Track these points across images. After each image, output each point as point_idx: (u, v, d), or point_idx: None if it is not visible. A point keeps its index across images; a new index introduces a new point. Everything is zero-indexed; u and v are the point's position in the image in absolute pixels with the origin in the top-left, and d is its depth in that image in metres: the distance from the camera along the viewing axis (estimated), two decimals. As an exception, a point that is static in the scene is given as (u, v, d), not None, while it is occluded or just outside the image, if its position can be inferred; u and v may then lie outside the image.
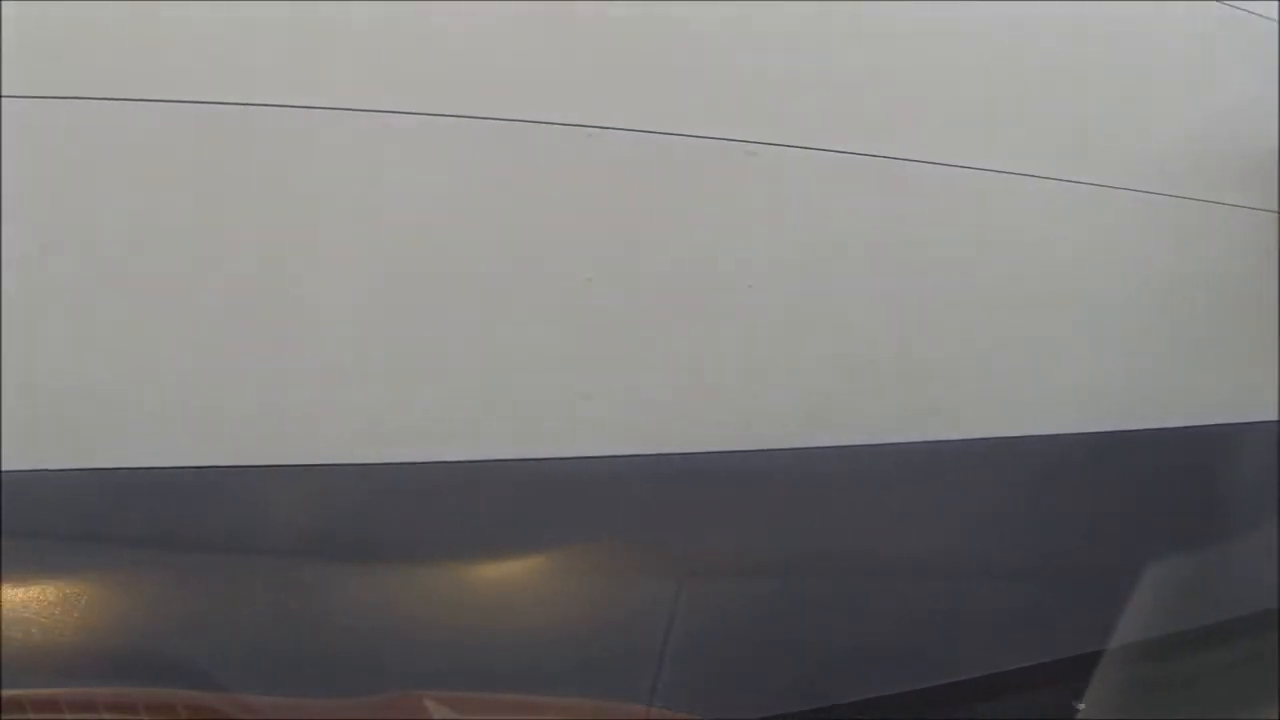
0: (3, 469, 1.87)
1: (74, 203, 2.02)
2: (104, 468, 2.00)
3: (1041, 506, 2.71)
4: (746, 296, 2.46)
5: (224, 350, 2.10)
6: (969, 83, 2.71)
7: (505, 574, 2.28)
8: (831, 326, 2.55)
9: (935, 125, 2.67)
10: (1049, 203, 2.81)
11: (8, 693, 1.56)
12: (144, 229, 2.06)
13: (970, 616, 2.50)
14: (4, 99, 1.92)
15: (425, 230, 2.23)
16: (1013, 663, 2.52)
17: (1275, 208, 3.15)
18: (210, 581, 2.04)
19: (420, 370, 2.23)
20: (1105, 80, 2.91)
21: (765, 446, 2.43)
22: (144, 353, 2.06)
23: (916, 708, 2.36)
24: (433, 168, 2.22)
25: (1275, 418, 3.04)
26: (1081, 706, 2.23)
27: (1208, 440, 2.99)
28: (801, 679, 2.36)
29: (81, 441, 2.00)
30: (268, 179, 2.13)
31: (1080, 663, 2.32)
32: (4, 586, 1.86)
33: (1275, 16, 3.12)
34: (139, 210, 2.06)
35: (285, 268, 2.14)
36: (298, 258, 2.15)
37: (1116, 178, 2.89)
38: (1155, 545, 2.56)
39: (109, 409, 2.03)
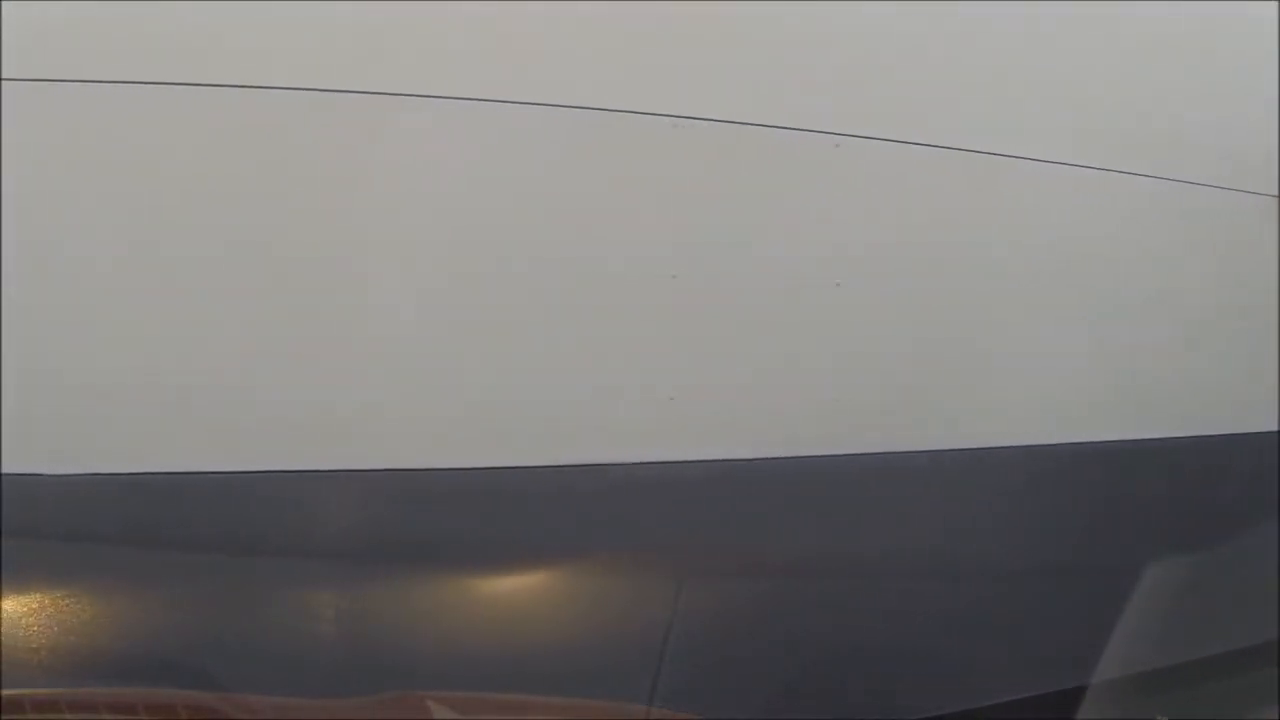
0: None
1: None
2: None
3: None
4: (834, 294, 2.40)
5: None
6: (1065, 77, 2.61)
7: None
8: (918, 325, 2.50)
9: (1033, 120, 2.59)
10: (1153, 202, 2.73)
11: (8, 693, 1.56)
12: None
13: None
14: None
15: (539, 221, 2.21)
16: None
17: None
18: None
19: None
20: (1206, 80, 2.79)
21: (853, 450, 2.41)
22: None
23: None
24: (521, 156, 2.18)
25: None
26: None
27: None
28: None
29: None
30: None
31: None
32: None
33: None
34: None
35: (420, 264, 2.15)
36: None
37: (1225, 178, 2.79)
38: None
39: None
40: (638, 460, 2.25)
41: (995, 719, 2.20)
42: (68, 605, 1.82)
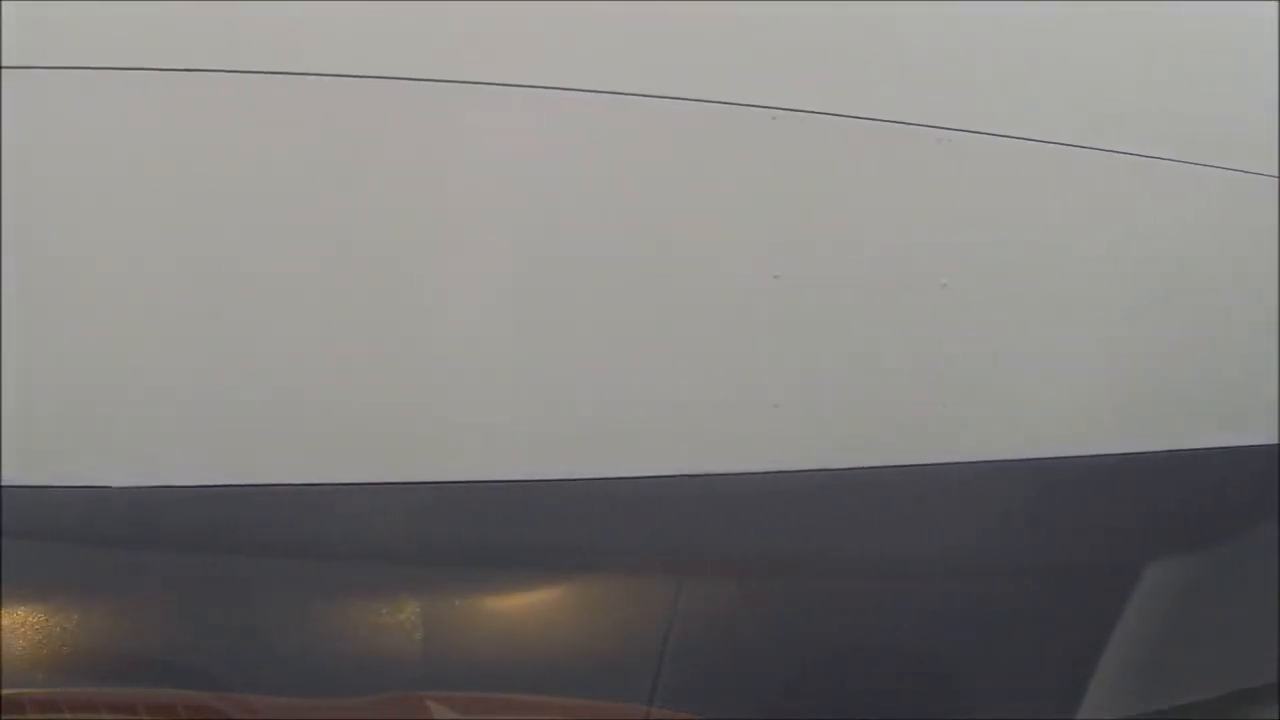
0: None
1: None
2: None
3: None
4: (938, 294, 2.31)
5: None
6: (1166, 74, 2.55)
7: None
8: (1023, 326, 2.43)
9: (1136, 118, 2.52)
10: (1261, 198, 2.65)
11: (8, 692, 1.56)
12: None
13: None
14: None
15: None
16: None
17: None
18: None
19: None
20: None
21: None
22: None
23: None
24: (609, 149, 2.12)
25: None
26: None
27: None
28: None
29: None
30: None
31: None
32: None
33: None
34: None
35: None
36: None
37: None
38: None
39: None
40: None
41: (997, 718, 2.20)
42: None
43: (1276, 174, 2.60)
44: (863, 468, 2.24)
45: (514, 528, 2.09)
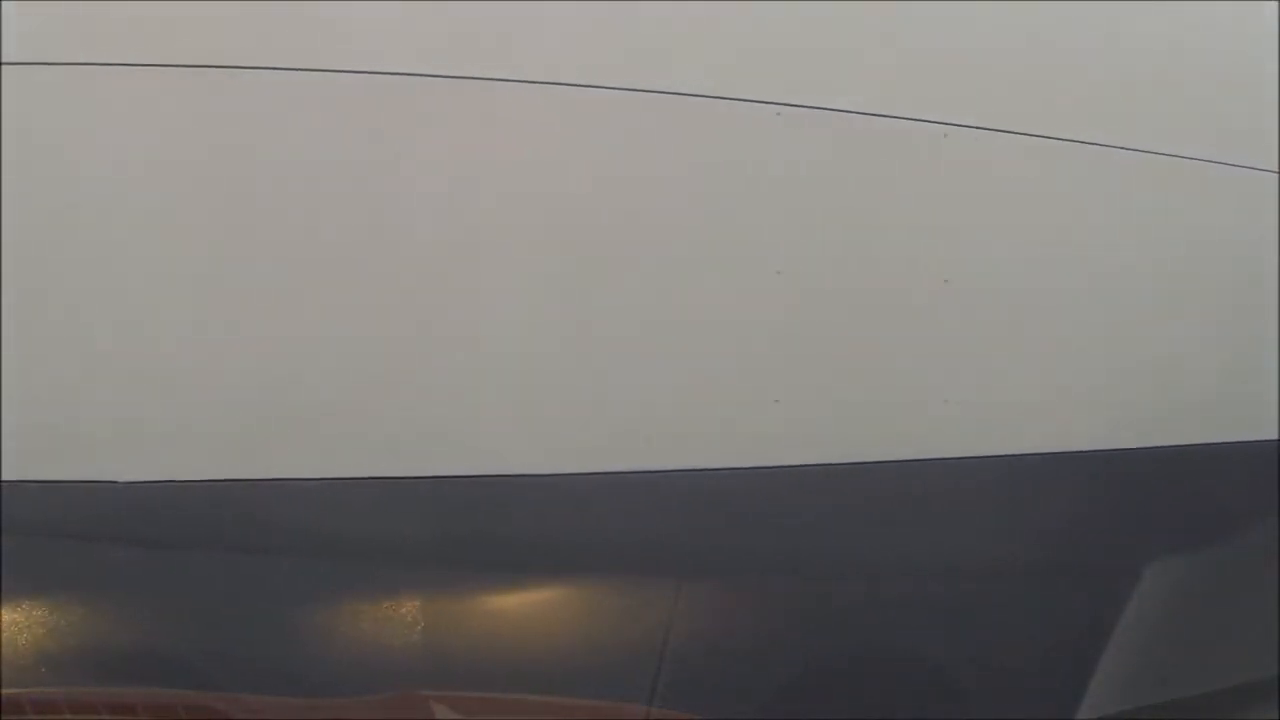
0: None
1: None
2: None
3: None
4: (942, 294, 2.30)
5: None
6: (1173, 69, 2.51)
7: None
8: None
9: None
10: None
11: (8, 692, 1.57)
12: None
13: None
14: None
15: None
16: None
17: None
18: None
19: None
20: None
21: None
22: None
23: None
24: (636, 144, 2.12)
25: None
26: None
27: None
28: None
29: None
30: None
31: None
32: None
33: None
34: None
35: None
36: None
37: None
38: None
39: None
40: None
41: (996, 718, 2.16)
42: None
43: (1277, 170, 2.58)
44: (878, 461, 2.23)
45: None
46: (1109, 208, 2.43)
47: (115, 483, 1.88)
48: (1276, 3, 2.56)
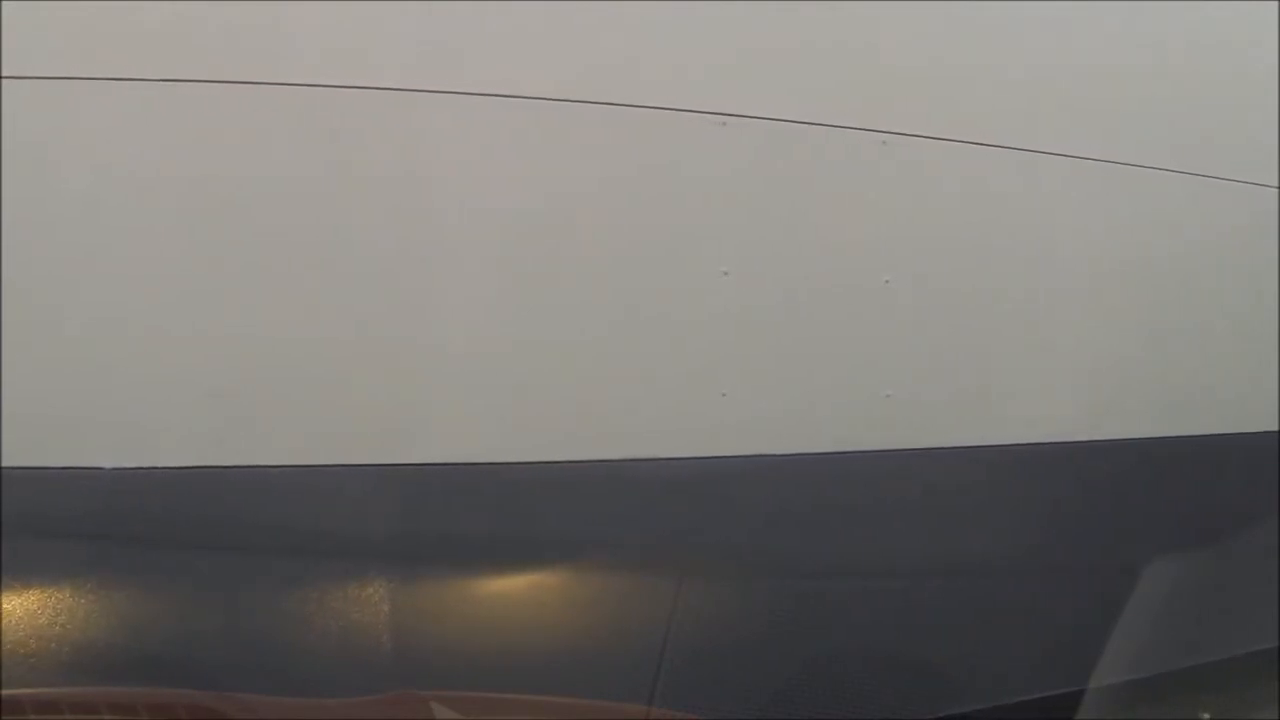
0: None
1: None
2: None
3: None
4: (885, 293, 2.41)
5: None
6: (1119, 76, 2.63)
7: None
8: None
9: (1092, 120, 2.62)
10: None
11: (8, 692, 1.55)
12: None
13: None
14: None
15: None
16: None
17: None
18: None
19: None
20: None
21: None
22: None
23: None
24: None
25: None
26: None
27: None
28: None
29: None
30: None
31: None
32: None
33: None
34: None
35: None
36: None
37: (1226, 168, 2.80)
38: None
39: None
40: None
41: (996, 719, 2.20)
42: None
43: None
44: (821, 453, 2.33)
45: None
46: (1042, 210, 2.56)
47: (101, 469, 1.87)
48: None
